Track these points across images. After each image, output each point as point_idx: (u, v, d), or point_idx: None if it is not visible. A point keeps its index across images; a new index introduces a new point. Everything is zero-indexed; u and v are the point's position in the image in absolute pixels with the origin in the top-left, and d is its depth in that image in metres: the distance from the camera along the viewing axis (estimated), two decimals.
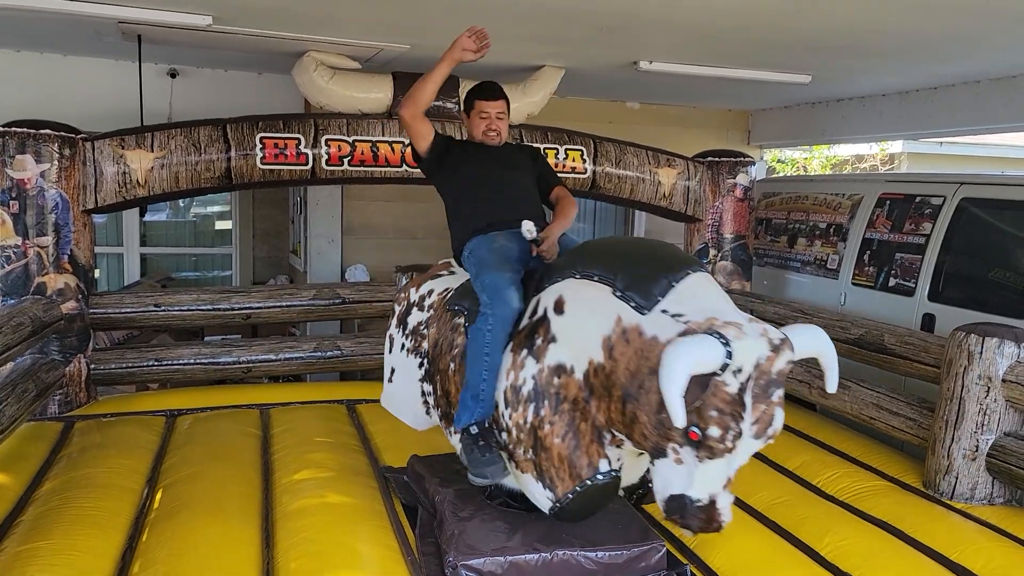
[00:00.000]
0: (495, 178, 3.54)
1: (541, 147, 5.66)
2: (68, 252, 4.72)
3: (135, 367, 5.05)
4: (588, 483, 2.87)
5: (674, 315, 2.61)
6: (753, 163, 6.21)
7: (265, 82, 7.19)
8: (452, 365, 3.28)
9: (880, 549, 3.31)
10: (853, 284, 5.73)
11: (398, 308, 3.81)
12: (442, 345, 3.38)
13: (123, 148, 4.81)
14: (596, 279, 2.84)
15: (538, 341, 2.96)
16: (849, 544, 3.32)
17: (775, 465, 4.24)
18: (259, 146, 5.06)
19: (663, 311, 2.64)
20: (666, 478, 2.61)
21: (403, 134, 5.38)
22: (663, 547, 3.07)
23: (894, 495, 3.86)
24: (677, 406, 2.37)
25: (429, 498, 3.41)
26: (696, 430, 2.46)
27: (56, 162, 4.62)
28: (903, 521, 3.56)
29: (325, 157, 5.23)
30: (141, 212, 7.65)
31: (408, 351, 3.64)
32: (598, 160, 5.80)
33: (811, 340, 2.66)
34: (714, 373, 2.43)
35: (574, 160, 5.75)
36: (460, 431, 3.11)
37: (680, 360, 2.38)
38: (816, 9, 4.13)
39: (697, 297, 2.68)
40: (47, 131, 4.61)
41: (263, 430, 4.50)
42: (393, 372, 3.76)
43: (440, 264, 3.92)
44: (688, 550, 3.30)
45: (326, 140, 5.22)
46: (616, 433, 2.82)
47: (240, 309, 5.25)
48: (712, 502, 2.58)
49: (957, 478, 3.81)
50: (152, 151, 4.85)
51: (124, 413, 4.74)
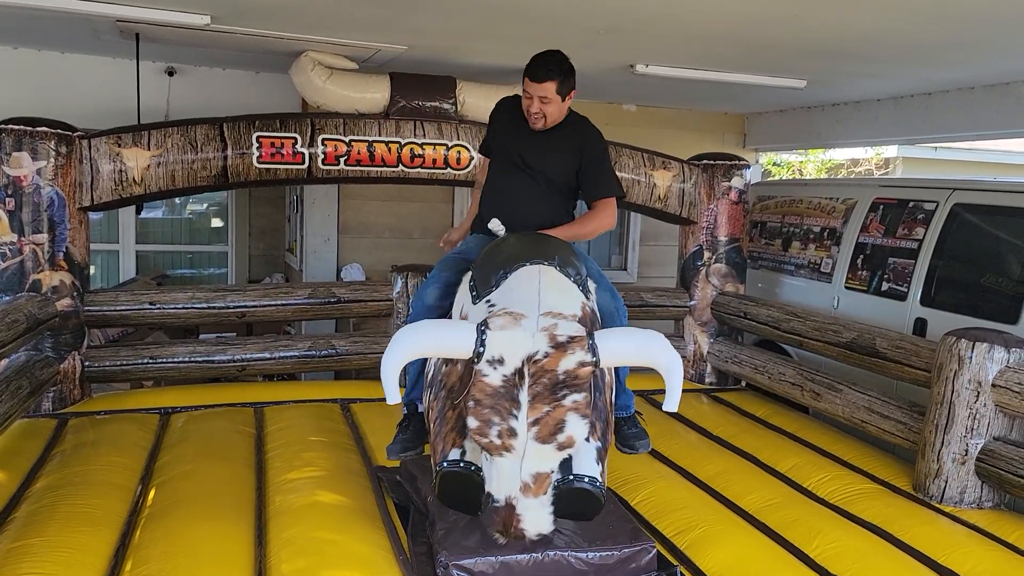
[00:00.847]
0: (507, 177, 3.49)
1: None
2: (63, 249, 4.72)
3: (129, 364, 5.06)
4: (437, 469, 2.81)
5: (491, 305, 2.63)
6: (748, 166, 6.23)
7: (262, 81, 7.21)
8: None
9: (869, 552, 3.33)
10: (846, 288, 5.76)
11: None
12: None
13: (120, 146, 4.81)
14: (469, 274, 3.00)
15: None
16: (839, 546, 3.34)
17: (766, 467, 4.26)
18: (255, 145, 5.07)
19: (487, 301, 2.68)
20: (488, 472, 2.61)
21: (400, 134, 5.41)
22: (653, 548, 3.09)
23: (884, 498, 3.89)
24: (386, 383, 2.41)
25: (421, 498, 3.42)
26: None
27: (52, 159, 4.62)
28: (893, 524, 3.59)
29: (321, 156, 5.24)
30: (137, 210, 7.65)
31: None
32: None
33: (636, 347, 2.49)
34: (471, 360, 2.39)
35: None
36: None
37: (400, 340, 2.40)
38: (811, 15, 4.15)
39: (516, 288, 2.66)
40: (43, 128, 4.61)
41: (257, 429, 4.50)
42: None
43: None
44: (678, 551, 3.32)
45: (323, 139, 5.23)
46: None
47: (235, 307, 5.25)
48: (510, 506, 2.54)
49: (947, 482, 3.84)
50: (149, 149, 4.85)
51: (118, 410, 4.74)
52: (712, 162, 6.11)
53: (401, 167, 5.43)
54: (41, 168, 4.60)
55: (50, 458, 3.94)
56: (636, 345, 2.49)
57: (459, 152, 5.49)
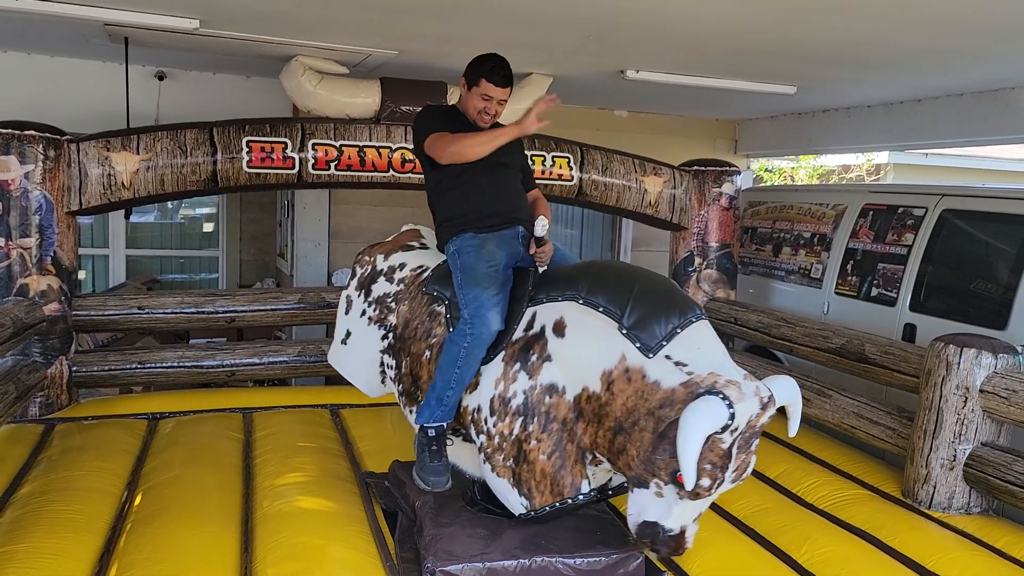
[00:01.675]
0: (492, 169, 3.44)
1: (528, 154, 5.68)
2: (51, 254, 4.70)
3: (118, 370, 5.03)
4: (569, 500, 2.97)
5: (677, 363, 2.71)
6: (739, 172, 6.25)
7: (253, 86, 7.19)
8: (428, 353, 3.31)
9: (858, 557, 3.34)
10: (836, 293, 5.77)
11: (360, 270, 3.78)
12: (417, 329, 3.39)
13: (108, 150, 4.79)
14: (601, 310, 2.88)
15: (533, 358, 3.02)
16: (827, 552, 3.34)
17: (756, 473, 4.25)
18: (245, 149, 5.06)
19: (666, 356, 2.73)
20: (642, 506, 2.72)
21: (390, 139, 5.40)
22: (641, 554, 3.08)
23: (873, 504, 3.89)
24: (692, 469, 2.48)
25: (409, 504, 3.41)
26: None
27: (40, 163, 4.60)
28: (881, 530, 3.59)
29: (312, 161, 5.23)
30: (127, 214, 7.61)
31: (370, 320, 3.63)
32: (585, 167, 5.83)
33: (787, 392, 2.75)
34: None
35: (561, 167, 5.77)
36: (417, 426, 3.24)
37: (698, 425, 2.48)
38: (800, 21, 4.16)
39: (700, 348, 2.77)
40: (32, 132, 4.59)
41: (246, 434, 4.49)
42: (349, 335, 3.75)
43: (407, 232, 3.90)
44: (667, 557, 3.31)
45: (313, 144, 5.22)
46: (598, 455, 2.92)
47: (224, 312, 5.24)
48: (682, 531, 2.72)
49: (935, 487, 3.84)
50: (138, 153, 4.84)
51: (106, 416, 4.71)
52: (703, 168, 6.12)
53: (392, 172, 5.43)
54: (29, 172, 4.58)
55: (36, 464, 3.92)
56: (787, 391, 2.75)
57: None
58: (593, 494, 3.02)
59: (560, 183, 5.77)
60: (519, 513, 3.06)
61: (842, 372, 4.79)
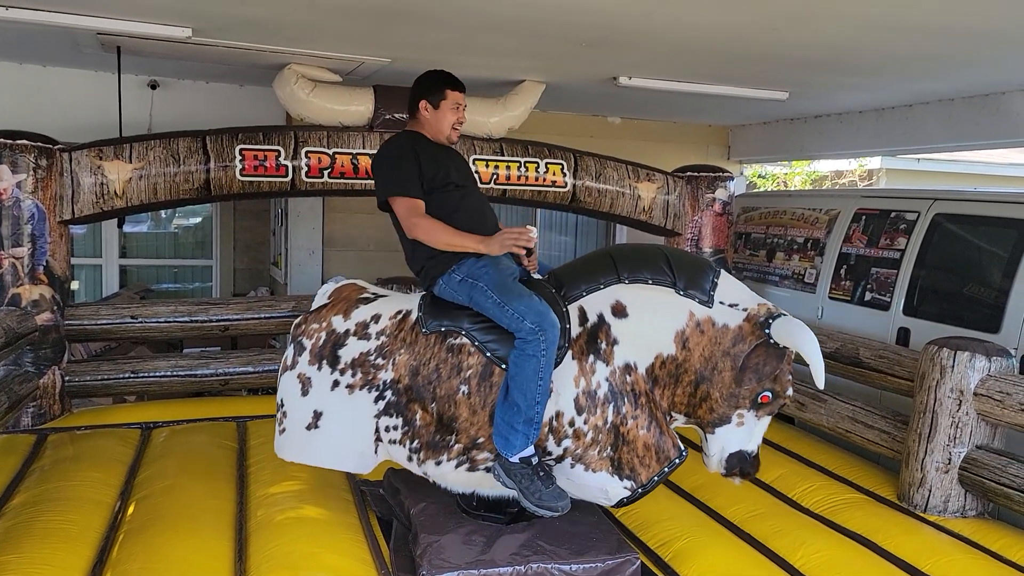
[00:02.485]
0: (472, 193, 3.48)
1: (522, 161, 5.70)
2: (44, 263, 4.69)
3: (111, 379, 5.01)
4: (676, 461, 3.17)
5: (730, 304, 3.14)
6: (732, 178, 6.26)
7: (246, 94, 7.19)
8: (465, 388, 3.16)
9: (854, 561, 3.34)
10: (830, 298, 5.78)
11: (309, 342, 3.36)
12: (438, 371, 3.20)
13: (101, 159, 4.78)
14: (651, 282, 3.17)
15: (602, 346, 3.16)
16: (823, 556, 3.34)
17: (751, 478, 4.24)
18: (239, 158, 5.05)
19: (720, 302, 3.14)
20: (726, 440, 3.16)
21: None
22: (637, 559, 3.08)
23: (869, 508, 3.89)
24: (823, 369, 3.05)
25: (404, 511, 3.40)
26: (768, 393, 3.10)
27: (32, 173, 4.59)
28: (877, 534, 3.59)
29: (305, 169, 5.23)
30: (119, 223, 7.61)
31: (351, 387, 3.28)
32: (578, 174, 5.84)
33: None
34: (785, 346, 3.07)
35: (554, 174, 5.78)
36: (515, 459, 3.08)
37: (811, 335, 3.02)
38: (792, 27, 4.18)
39: (736, 288, 3.23)
40: (24, 141, 4.58)
41: (240, 443, 4.47)
42: (319, 416, 3.32)
43: (345, 287, 3.61)
44: (663, 562, 3.31)
45: (306, 152, 5.22)
46: (674, 414, 3.24)
47: (218, 321, 5.22)
48: (758, 452, 3.22)
49: (930, 491, 3.84)
50: (130, 162, 4.83)
51: (99, 426, 4.69)
52: (696, 174, 6.14)
53: None
54: (21, 181, 4.57)
55: (28, 474, 3.89)
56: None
57: None
58: (685, 451, 3.24)
59: (554, 190, 5.78)
60: (623, 497, 3.16)
61: (836, 376, 4.80)
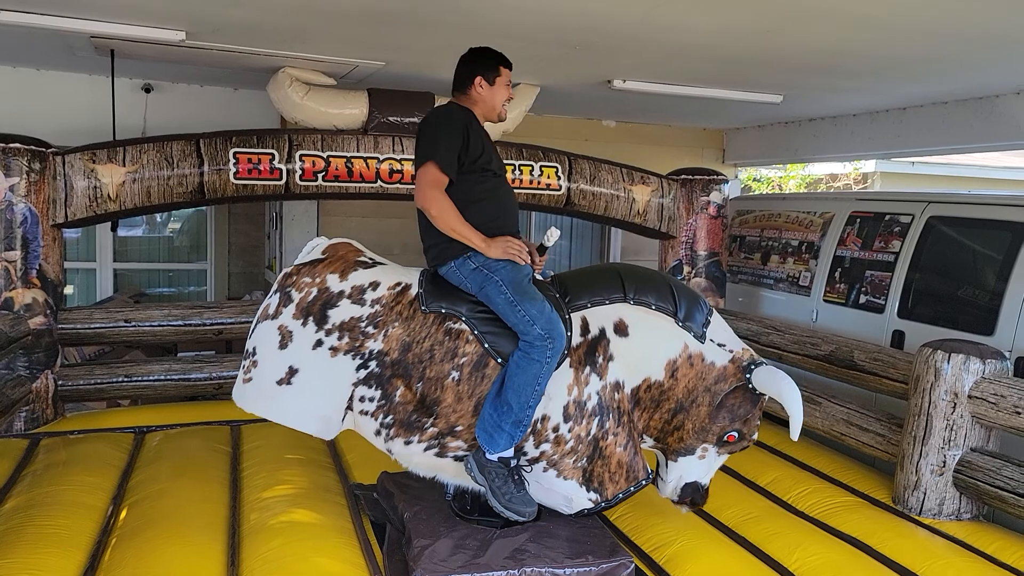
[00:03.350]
0: (506, 182, 3.41)
1: (516, 164, 5.69)
2: (36, 267, 4.67)
3: (104, 383, 4.99)
4: (643, 483, 3.25)
5: (719, 344, 3.27)
6: (726, 181, 6.27)
7: (241, 97, 7.18)
8: (456, 374, 3.14)
9: (849, 565, 3.33)
10: (825, 301, 5.78)
11: (298, 294, 3.25)
12: (432, 351, 3.16)
13: (94, 162, 4.77)
14: (654, 308, 3.26)
15: (599, 359, 3.21)
16: (818, 560, 3.34)
17: (746, 481, 4.25)
18: (232, 161, 5.04)
19: (711, 340, 3.26)
20: (686, 470, 3.30)
21: (378, 150, 5.40)
22: (631, 563, 3.07)
23: (863, 511, 3.88)
24: (801, 422, 3.14)
25: (398, 515, 3.38)
26: (735, 433, 3.24)
27: (25, 176, 4.58)
28: (872, 537, 3.58)
29: (299, 172, 5.22)
30: (113, 227, 7.58)
31: (334, 350, 3.18)
32: (573, 177, 5.84)
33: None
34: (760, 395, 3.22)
35: (549, 177, 5.77)
36: (494, 458, 3.10)
37: (794, 386, 3.14)
38: (785, 31, 4.18)
39: (724, 329, 3.36)
40: (16, 145, 4.57)
41: (233, 447, 4.45)
42: (293, 372, 3.20)
43: (342, 244, 3.50)
44: (657, 566, 3.30)
45: (300, 155, 5.21)
46: (645, 437, 3.34)
47: (211, 325, 5.21)
48: (708, 485, 3.36)
49: (925, 494, 3.84)
50: (124, 165, 4.82)
51: (92, 430, 4.67)
52: (691, 177, 6.14)
53: (380, 183, 5.42)
54: (14, 184, 4.56)
55: (20, 479, 3.87)
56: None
57: None
58: (652, 475, 3.37)
59: (548, 193, 5.77)
60: (584, 508, 3.23)
61: (831, 379, 4.80)
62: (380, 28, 4.44)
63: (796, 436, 3.18)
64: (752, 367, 3.20)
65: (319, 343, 3.21)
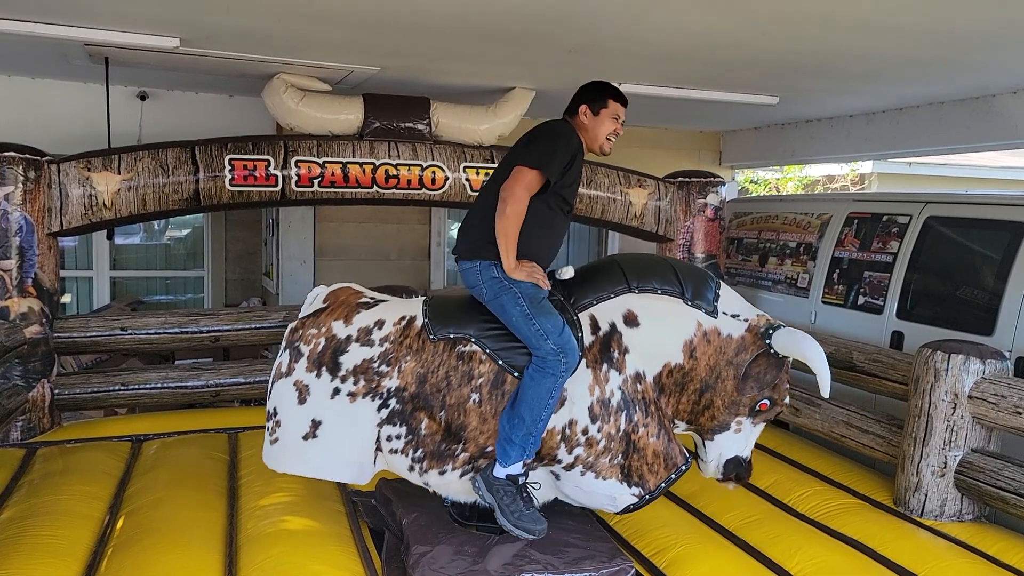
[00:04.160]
0: (559, 220, 3.38)
1: None
2: (32, 275, 4.65)
3: (101, 392, 4.97)
4: (683, 468, 3.26)
5: (732, 315, 3.24)
6: (723, 183, 6.26)
7: (236, 104, 7.17)
8: (476, 396, 3.14)
9: (851, 567, 3.32)
10: (823, 302, 5.77)
11: (307, 348, 3.24)
12: (448, 378, 3.16)
13: (89, 170, 4.76)
14: (660, 292, 3.23)
15: (615, 354, 3.20)
16: (819, 563, 3.32)
17: (746, 484, 4.22)
18: (228, 168, 5.03)
19: (724, 312, 3.23)
20: (724, 447, 3.28)
21: (374, 155, 5.38)
22: (631, 568, 3.06)
23: (864, 513, 3.87)
24: (829, 378, 3.13)
25: (397, 521, 3.37)
26: (767, 401, 3.22)
27: (20, 184, 4.56)
28: (873, 539, 3.57)
29: (295, 178, 5.21)
30: (108, 235, 7.57)
31: (352, 395, 3.20)
32: None
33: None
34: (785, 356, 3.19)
35: None
36: (502, 476, 3.12)
37: (820, 348, 3.13)
38: (781, 32, 4.18)
39: (736, 299, 3.33)
40: (11, 153, 4.56)
41: (231, 455, 4.43)
42: (317, 425, 3.21)
43: (342, 290, 3.48)
44: (658, 571, 3.28)
45: (296, 161, 5.20)
46: (677, 422, 3.32)
47: (208, 332, 5.19)
48: (750, 457, 3.35)
49: (926, 495, 3.83)
50: (119, 173, 4.80)
51: (89, 439, 4.65)
52: (688, 179, 6.13)
53: (376, 188, 5.41)
54: (8, 193, 4.55)
55: (17, 488, 3.85)
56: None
57: (434, 172, 5.47)
58: (691, 458, 3.34)
59: None
60: (629, 504, 3.23)
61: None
62: (375, 33, 4.43)
63: (826, 392, 3.13)
64: (771, 332, 3.17)
65: (336, 391, 3.21)
